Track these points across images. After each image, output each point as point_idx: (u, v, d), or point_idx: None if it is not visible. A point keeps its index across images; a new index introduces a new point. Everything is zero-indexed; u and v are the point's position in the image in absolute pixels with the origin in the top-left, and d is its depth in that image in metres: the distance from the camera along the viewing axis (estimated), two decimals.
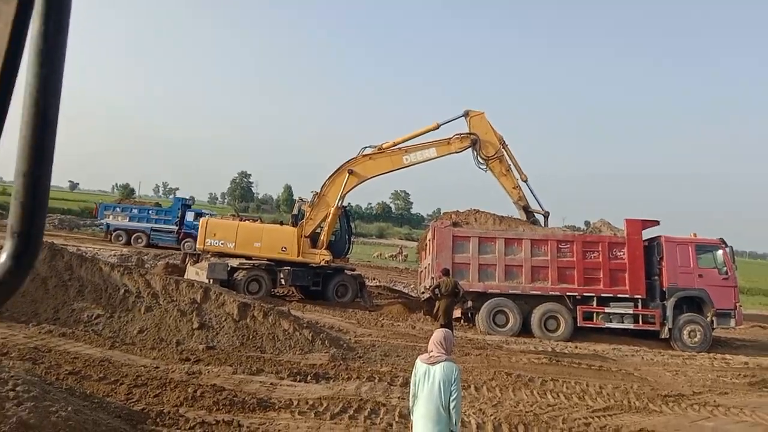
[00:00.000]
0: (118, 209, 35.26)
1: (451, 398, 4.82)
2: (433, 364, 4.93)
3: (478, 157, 17.80)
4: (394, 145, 17.91)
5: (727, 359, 14.01)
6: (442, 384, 4.83)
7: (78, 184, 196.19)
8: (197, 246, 18.69)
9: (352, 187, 18.15)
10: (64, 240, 27.77)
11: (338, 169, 18.07)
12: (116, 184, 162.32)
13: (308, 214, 18.08)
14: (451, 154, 17.89)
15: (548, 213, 17.95)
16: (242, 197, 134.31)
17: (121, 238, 33.12)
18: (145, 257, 25.95)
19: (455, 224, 16.27)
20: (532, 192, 18.11)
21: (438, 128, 17.95)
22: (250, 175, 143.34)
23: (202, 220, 19.25)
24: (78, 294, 11.18)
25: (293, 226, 18.40)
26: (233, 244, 17.67)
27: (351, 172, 17.81)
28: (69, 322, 10.48)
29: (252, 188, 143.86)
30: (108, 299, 11.09)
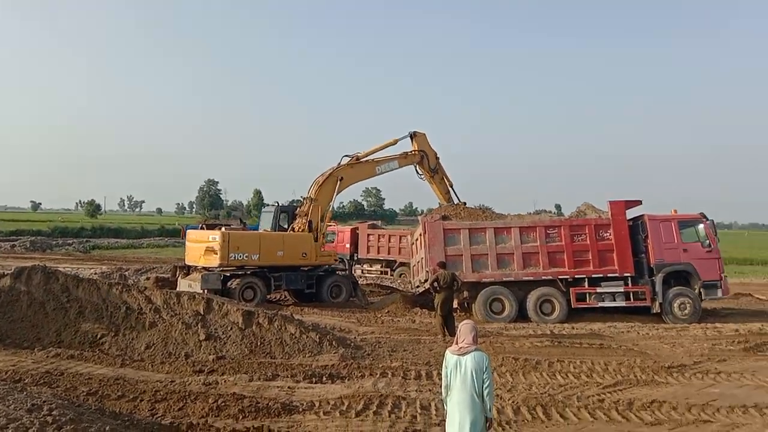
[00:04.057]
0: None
1: (484, 386, 4.99)
2: (463, 354, 5.08)
3: (419, 169, 20.54)
4: (365, 156, 19.83)
5: (718, 328, 14.48)
6: (475, 373, 4.98)
7: (40, 203, 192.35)
8: (219, 262, 16.79)
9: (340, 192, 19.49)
10: (40, 261, 27.23)
11: (328, 177, 18.95)
12: (80, 201, 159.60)
13: (305, 219, 18.43)
14: (407, 165, 20.45)
15: (465, 203, 20.03)
16: (211, 205, 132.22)
17: None
18: (127, 273, 25.61)
19: (445, 217, 16.47)
20: (456, 194, 20.93)
21: (396, 144, 20.33)
22: (217, 182, 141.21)
23: (221, 233, 17.19)
24: (78, 315, 11.05)
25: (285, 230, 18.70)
26: (257, 255, 17.24)
27: (341, 179, 19.00)
28: (74, 343, 10.38)
29: (221, 195, 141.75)
30: (110, 318, 11.00)
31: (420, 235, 16.66)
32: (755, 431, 6.94)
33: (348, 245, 29.43)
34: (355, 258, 29.45)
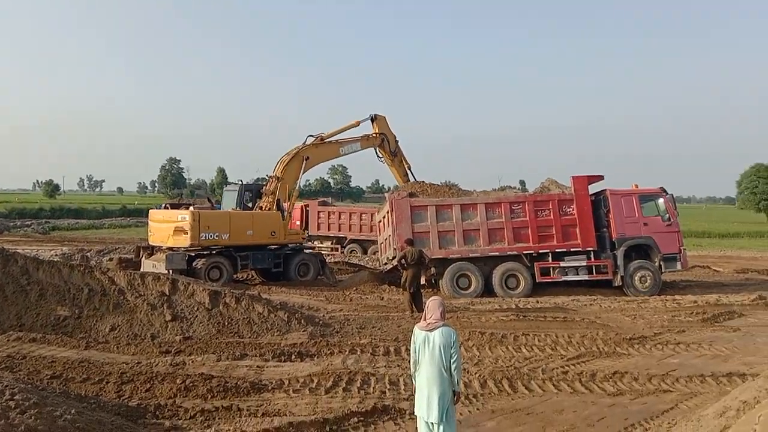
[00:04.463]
0: None
1: (452, 360, 5.05)
2: (431, 330, 5.13)
3: (380, 152, 21.26)
4: (329, 136, 20.18)
5: (677, 300, 14.93)
6: (442, 348, 5.04)
7: None
8: (190, 242, 16.47)
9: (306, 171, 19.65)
10: None
11: (294, 156, 19.02)
12: (38, 181, 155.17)
13: (271, 197, 18.36)
14: (368, 148, 21.09)
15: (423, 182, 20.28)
16: (174, 184, 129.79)
17: None
18: (89, 254, 25.07)
19: (412, 194, 16.52)
20: (413, 175, 21.57)
21: (358, 125, 20.87)
22: (179, 160, 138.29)
23: (191, 212, 16.70)
24: (40, 298, 10.79)
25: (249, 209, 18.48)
26: (227, 234, 17.00)
27: (307, 159, 19.14)
28: (35, 326, 10.15)
29: (183, 174, 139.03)
30: (73, 300, 10.78)
31: (387, 212, 16.69)
32: (712, 399, 7.19)
33: (298, 222, 29.29)
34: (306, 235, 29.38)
